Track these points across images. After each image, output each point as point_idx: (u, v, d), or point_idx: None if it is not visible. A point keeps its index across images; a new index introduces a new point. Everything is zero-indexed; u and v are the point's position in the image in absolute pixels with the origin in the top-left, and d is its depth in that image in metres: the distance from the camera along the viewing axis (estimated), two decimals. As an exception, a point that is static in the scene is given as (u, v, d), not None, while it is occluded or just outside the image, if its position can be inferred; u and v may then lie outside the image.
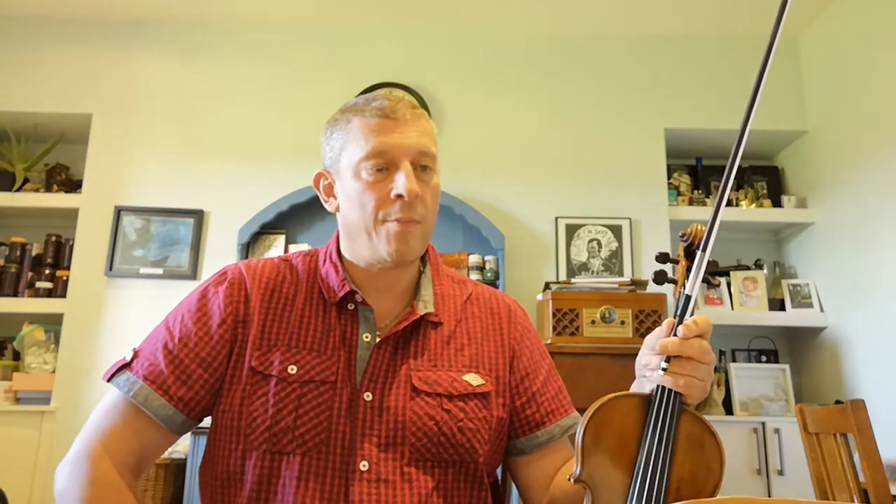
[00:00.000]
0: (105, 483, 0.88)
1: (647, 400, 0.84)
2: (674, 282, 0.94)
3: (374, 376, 0.95)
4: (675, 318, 0.85)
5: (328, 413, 0.92)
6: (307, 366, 0.94)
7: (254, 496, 0.90)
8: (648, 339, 0.88)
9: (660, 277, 0.95)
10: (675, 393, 0.83)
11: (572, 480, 0.82)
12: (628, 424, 0.84)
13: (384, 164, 0.95)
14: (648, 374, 0.86)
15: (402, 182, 0.93)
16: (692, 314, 0.85)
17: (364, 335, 0.98)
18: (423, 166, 0.97)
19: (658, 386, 0.83)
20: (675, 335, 0.84)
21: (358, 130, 0.96)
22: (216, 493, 0.94)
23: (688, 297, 0.85)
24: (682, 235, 0.95)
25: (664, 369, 0.83)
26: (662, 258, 0.97)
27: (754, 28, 3.38)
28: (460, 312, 1.05)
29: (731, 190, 3.41)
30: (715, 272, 0.92)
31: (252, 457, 0.91)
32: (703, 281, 0.91)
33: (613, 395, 0.85)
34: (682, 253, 0.95)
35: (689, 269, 0.91)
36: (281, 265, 1.05)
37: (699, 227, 0.93)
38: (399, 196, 0.94)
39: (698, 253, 0.87)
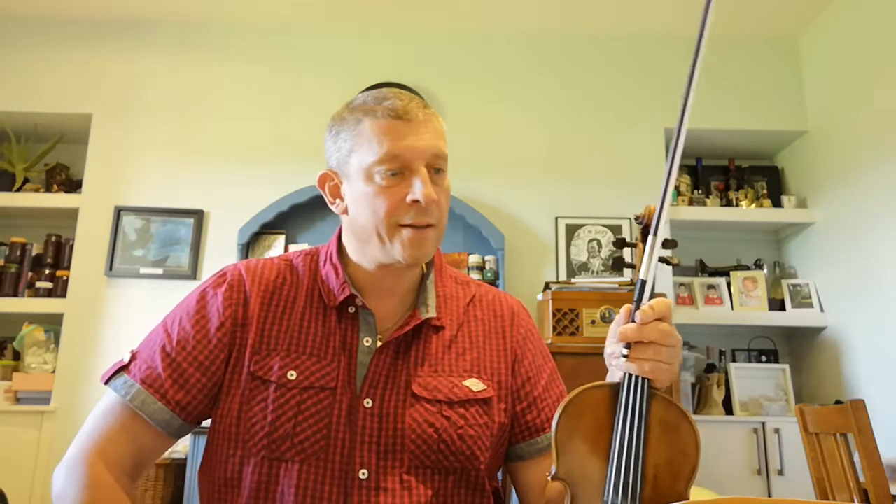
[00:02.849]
0: (101, 486, 0.87)
1: (617, 389, 0.83)
2: (633, 266, 0.93)
3: (375, 382, 0.93)
4: (633, 304, 0.85)
5: (327, 420, 0.90)
6: (307, 371, 0.92)
7: (252, 503, 0.89)
8: (612, 327, 0.87)
9: (617, 263, 0.94)
10: (644, 379, 0.82)
11: (550, 478, 0.82)
12: (600, 415, 0.83)
13: (398, 169, 0.91)
14: (615, 362, 0.86)
15: (419, 188, 0.91)
16: (650, 298, 0.85)
17: (364, 340, 0.96)
18: (436, 169, 0.94)
19: (625, 373, 0.83)
20: (633, 321, 0.83)
21: (369, 132, 0.92)
22: (214, 497, 0.93)
23: (643, 282, 0.84)
24: (637, 218, 0.94)
25: (625, 356, 0.82)
26: (620, 243, 0.95)
27: (754, 28, 3.38)
28: (462, 315, 1.03)
29: (731, 190, 3.43)
30: (673, 251, 0.90)
31: (250, 463, 0.90)
32: (661, 261, 0.90)
33: (583, 387, 0.84)
34: (639, 236, 0.94)
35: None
36: (281, 266, 1.02)
37: (653, 208, 0.92)
38: (415, 202, 0.91)
39: (650, 237, 0.85)
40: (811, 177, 3.34)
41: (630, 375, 0.82)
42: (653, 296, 0.86)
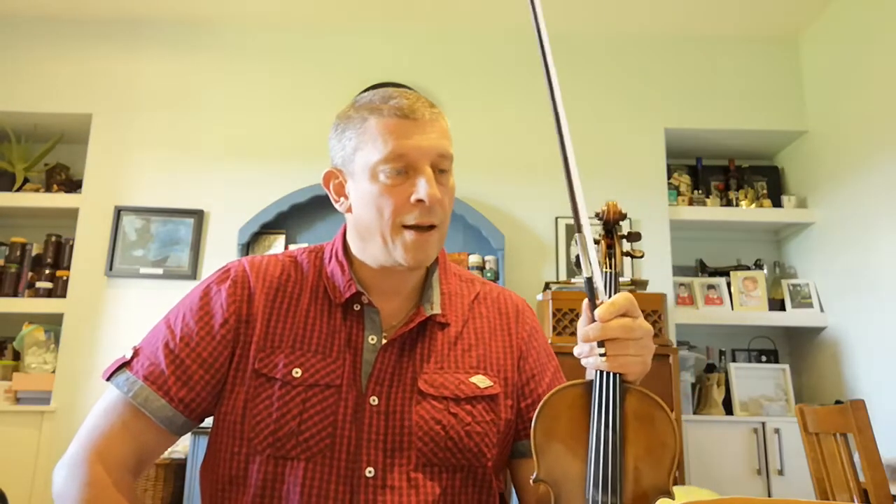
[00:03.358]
0: (103, 485, 0.87)
1: (590, 386, 0.83)
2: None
3: (380, 380, 0.93)
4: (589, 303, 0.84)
5: (333, 418, 0.90)
6: (312, 369, 0.92)
7: (257, 501, 0.89)
8: (578, 326, 0.86)
9: (578, 262, 0.94)
10: (615, 374, 0.82)
11: (532, 482, 0.82)
12: (576, 414, 0.83)
13: (403, 168, 0.91)
14: (584, 361, 0.86)
15: (423, 188, 0.90)
16: (613, 293, 0.84)
17: (370, 337, 0.96)
18: (441, 169, 0.94)
19: (597, 370, 0.83)
20: (595, 319, 0.82)
21: (375, 130, 0.92)
22: (217, 495, 0.92)
23: (588, 280, 0.83)
24: (598, 214, 0.94)
25: (602, 355, 0.81)
26: None
27: (754, 28, 3.38)
28: (468, 312, 1.03)
29: (731, 190, 3.43)
30: (632, 242, 0.91)
31: (255, 461, 0.90)
32: (626, 255, 0.89)
33: (557, 388, 0.85)
34: (602, 233, 0.94)
35: (610, 248, 0.90)
36: (286, 262, 1.02)
37: (612, 204, 0.93)
38: (420, 201, 0.91)
39: (575, 234, 0.85)
40: (811, 177, 3.34)
41: (602, 371, 0.82)
42: (614, 290, 0.85)
